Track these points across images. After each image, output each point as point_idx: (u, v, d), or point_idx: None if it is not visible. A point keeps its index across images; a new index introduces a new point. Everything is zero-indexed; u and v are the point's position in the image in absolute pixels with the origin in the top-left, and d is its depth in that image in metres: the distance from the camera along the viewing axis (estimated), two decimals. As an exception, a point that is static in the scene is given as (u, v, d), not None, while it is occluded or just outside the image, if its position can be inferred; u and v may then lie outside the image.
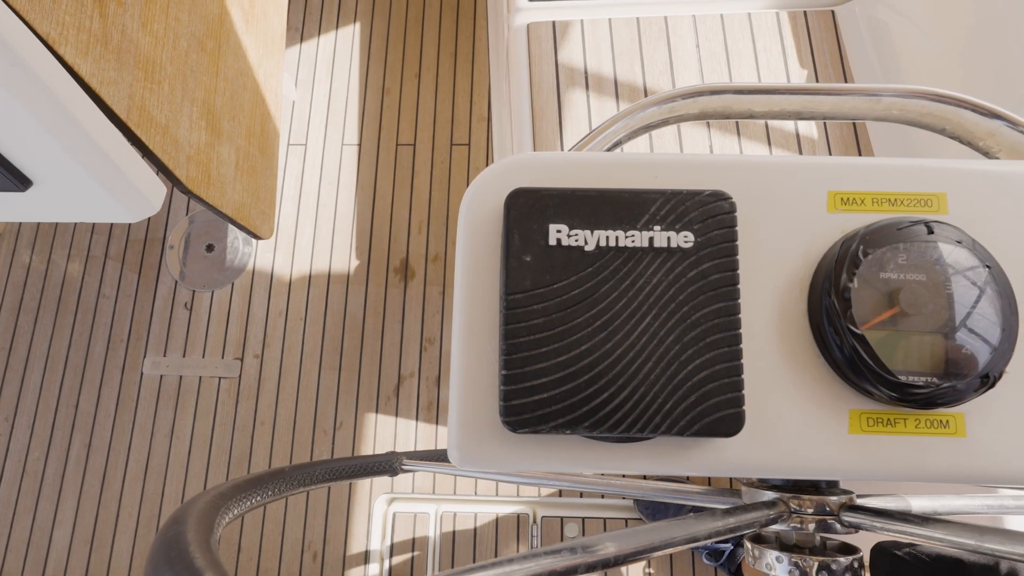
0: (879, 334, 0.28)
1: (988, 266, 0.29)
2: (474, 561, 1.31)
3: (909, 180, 0.32)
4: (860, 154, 0.91)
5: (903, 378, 0.28)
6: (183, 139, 0.97)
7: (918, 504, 0.39)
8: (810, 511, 0.33)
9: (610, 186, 0.30)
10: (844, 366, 0.29)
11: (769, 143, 0.94)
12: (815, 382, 0.30)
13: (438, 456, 0.62)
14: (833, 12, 1.00)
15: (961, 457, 0.29)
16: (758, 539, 0.35)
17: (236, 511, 0.35)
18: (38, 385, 1.52)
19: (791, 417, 0.30)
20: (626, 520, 1.32)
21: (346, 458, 0.52)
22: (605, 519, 1.32)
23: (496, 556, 1.44)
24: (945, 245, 0.29)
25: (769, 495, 0.35)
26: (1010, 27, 0.80)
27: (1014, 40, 0.79)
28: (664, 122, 0.36)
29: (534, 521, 1.33)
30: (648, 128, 0.36)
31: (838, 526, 0.33)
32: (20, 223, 1.65)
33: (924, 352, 0.28)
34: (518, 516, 1.34)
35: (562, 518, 1.33)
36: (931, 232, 0.29)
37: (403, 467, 0.58)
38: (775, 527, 0.33)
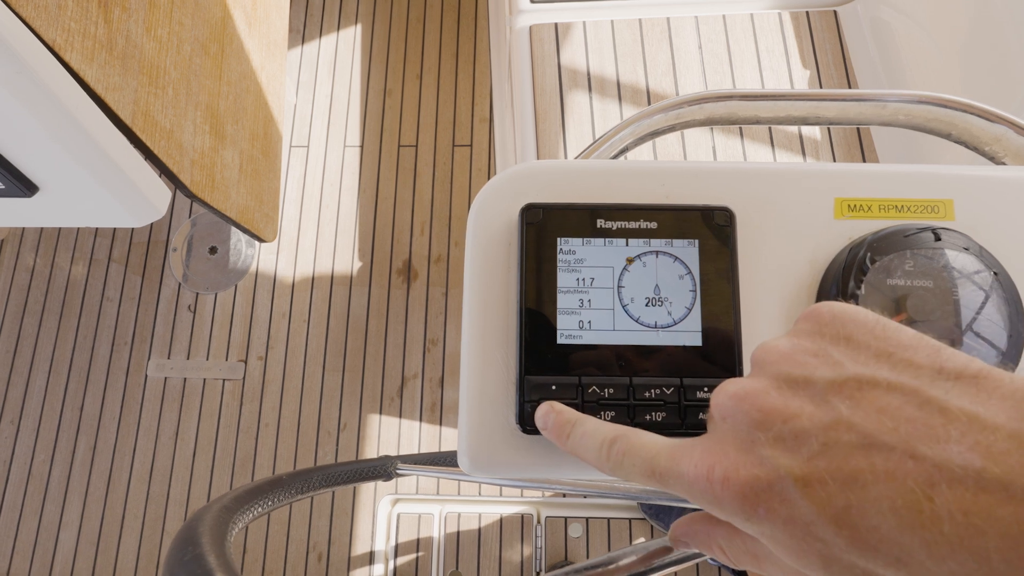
0: None
1: (995, 272, 0.29)
2: (478, 561, 1.32)
3: (916, 186, 0.32)
4: (864, 158, 0.91)
5: None
6: (187, 143, 0.98)
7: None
8: None
9: (618, 194, 0.32)
10: None
11: (773, 146, 0.94)
12: None
13: (434, 459, 0.62)
14: (835, 12, 1.00)
15: None
16: None
17: (241, 523, 0.35)
18: (43, 388, 1.53)
19: None
20: (630, 520, 1.33)
21: (341, 463, 0.52)
22: (609, 519, 1.33)
23: (500, 557, 1.43)
24: (952, 252, 0.29)
25: None
26: (1014, 28, 0.80)
27: (1018, 41, 0.79)
28: (671, 128, 0.37)
29: (538, 521, 1.34)
30: (654, 135, 0.36)
31: None
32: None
33: None
34: (522, 516, 1.34)
35: (566, 518, 1.33)
36: (938, 239, 0.29)
37: (398, 471, 0.57)
38: None
